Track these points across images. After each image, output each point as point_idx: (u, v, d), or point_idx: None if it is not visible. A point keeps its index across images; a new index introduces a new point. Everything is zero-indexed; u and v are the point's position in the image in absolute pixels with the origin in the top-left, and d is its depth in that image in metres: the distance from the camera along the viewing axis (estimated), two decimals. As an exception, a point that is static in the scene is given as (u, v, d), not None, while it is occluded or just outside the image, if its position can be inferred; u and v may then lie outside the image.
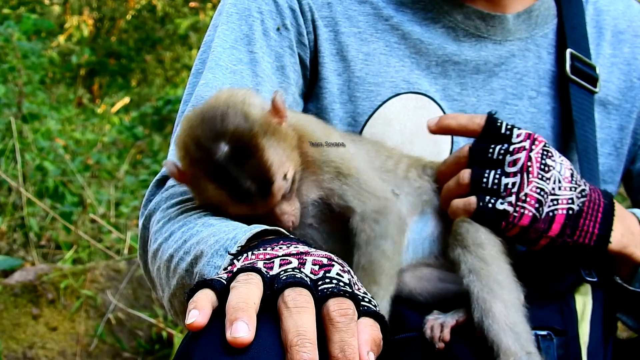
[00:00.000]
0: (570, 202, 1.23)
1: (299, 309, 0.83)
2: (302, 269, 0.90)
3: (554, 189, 1.22)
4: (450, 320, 1.21)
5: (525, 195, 1.20)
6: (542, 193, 1.21)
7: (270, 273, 0.89)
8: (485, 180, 1.22)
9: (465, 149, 1.26)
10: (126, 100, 7.24)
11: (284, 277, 0.87)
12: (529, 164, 1.21)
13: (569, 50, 1.45)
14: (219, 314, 0.85)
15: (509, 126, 1.24)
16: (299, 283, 0.86)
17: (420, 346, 1.20)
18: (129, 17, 8.53)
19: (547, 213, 1.21)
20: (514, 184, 1.20)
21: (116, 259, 3.34)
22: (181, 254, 1.09)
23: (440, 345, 1.19)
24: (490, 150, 1.23)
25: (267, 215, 1.15)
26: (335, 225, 1.24)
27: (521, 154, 1.21)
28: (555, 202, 1.22)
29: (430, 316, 1.22)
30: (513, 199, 1.20)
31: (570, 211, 1.23)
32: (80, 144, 5.37)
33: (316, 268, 0.91)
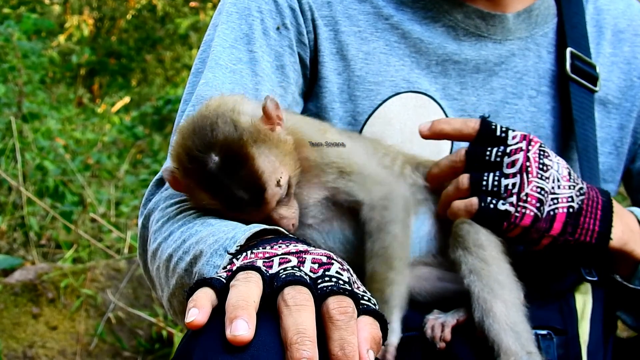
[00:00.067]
0: (570, 201, 1.23)
1: (298, 307, 0.83)
2: (302, 268, 0.90)
3: (553, 187, 1.22)
4: (451, 319, 1.21)
5: (526, 195, 1.20)
6: (543, 192, 1.20)
7: (270, 271, 0.89)
8: (485, 182, 1.22)
9: (462, 153, 1.26)
10: (126, 99, 7.24)
11: (284, 276, 0.87)
12: (528, 164, 1.21)
13: (569, 49, 1.44)
14: (218, 313, 0.85)
15: (503, 128, 1.24)
16: (299, 281, 0.86)
17: (421, 345, 1.20)
18: (129, 17, 8.53)
19: (548, 212, 1.21)
20: (514, 184, 1.20)
21: (116, 258, 3.34)
22: (180, 253, 1.09)
23: (441, 345, 1.19)
24: (488, 153, 1.23)
25: (267, 218, 1.16)
26: (334, 225, 1.25)
27: (519, 155, 1.21)
28: (555, 201, 1.22)
29: (430, 316, 1.22)
30: (514, 199, 1.20)
31: (571, 209, 1.23)
32: (81, 143, 5.37)
33: (315, 266, 0.91)
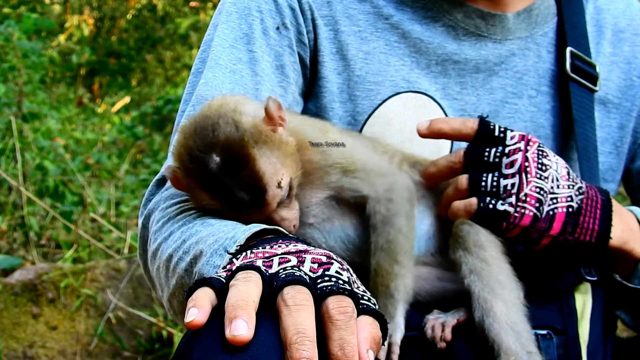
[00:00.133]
0: (570, 200, 1.23)
1: (298, 307, 0.83)
2: (301, 267, 0.90)
3: (552, 187, 1.22)
4: (451, 319, 1.21)
5: (525, 195, 1.20)
6: (542, 192, 1.20)
7: (269, 271, 0.89)
8: (484, 183, 1.22)
9: (460, 154, 1.25)
10: (126, 99, 7.24)
11: (283, 275, 0.87)
12: (527, 164, 1.21)
13: (569, 49, 1.44)
14: (218, 313, 0.85)
15: (502, 128, 1.24)
16: (298, 281, 0.86)
17: (421, 345, 1.20)
18: (129, 17, 8.53)
19: (548, 212, 1.21)
20: (513, 184, 1.20)
21: (116, 258, 3.34)
22: (180, 253, 1.09)
23: (442, 345, 1.19)
24: (486, 153, 1.23)
25: (267, 218, 1.16)
26: (335, 224, 1.25)
27: (517, 155, 1.21)
28: (554, 201, 1.22)
29: (430, 315, 1.22)
30: (513, 199, 1.20)
31: (570, 209, 1.23)
32: (81, 143, 5.36)
33: (315, 266, 0.91)
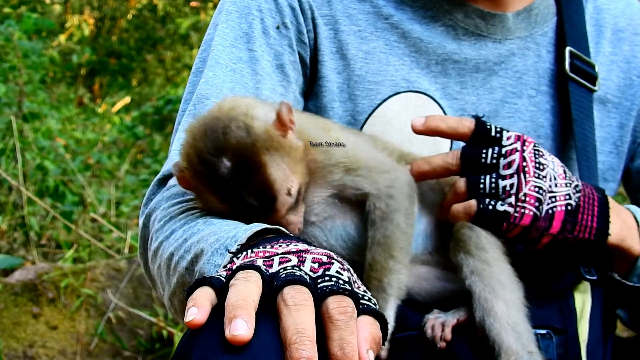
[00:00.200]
0: (568, 198, 1.23)
1: (298, 307, 0.83)
2: (302, 267, 0.90)
3: (550, 186, 1.22)
4: (451, 319, 1.21)
5: (525, 195, 1.20)
6: (541, 191, 1.21)
7: (270, 271, 0.89)
8: (482, 185, 1.21)
9: (457, 155, 1.24)
10: (127, 99, 7.24)
11: (283, 275, 0.87)
12: (524, 164, 1.21)
13: (568, 48, 1.44)
14: (218, 312, 0.85)
15: (498, 129, 1.24)
16: (298, 281, 0.86)
17: (421, 345, 1.20)
18: (129, 17, 8.53)
19: (547, 211, 1.21)
20: (511, 185, 1.20)
21: (116, 258, 3.35)
22: (181, 252, 1.09)
23: (442, 344, 1.19)
24: (483, 155, 1.22)
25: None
26: (337, 222, 1.24)
27: (515, 156, 1.21)
28: (553, 199, 1.22)
29: (430, 315, 1.22)
30: (512, 199, 1.20)
31: (569, 207, 1.23)
32: (81, 143, 5.37)
33: (315, 266, 0.91)
